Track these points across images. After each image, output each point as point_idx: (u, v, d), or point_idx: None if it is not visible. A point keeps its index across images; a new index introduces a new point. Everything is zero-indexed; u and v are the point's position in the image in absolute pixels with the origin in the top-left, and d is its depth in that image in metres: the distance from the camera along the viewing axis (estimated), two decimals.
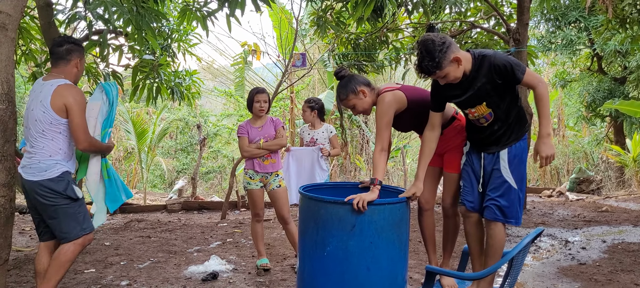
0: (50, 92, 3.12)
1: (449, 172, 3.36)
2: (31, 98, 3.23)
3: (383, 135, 3.11)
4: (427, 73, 2.90)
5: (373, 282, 2.72)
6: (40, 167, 3.12)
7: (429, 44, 2.82)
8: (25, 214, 7.64)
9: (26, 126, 3.22)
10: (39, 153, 3.14)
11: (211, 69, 18.72)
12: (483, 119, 3.04)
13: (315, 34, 8.30)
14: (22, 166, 3.18)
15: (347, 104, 3.28)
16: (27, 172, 3.14)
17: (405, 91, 3.21)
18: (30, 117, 3.17)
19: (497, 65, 2.86)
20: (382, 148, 3.10)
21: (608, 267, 4.67)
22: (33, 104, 3.17)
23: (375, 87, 3.29)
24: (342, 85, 3.26)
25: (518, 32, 7.47)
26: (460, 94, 3.00)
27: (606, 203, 8.83)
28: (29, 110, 3.20)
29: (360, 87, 3.20)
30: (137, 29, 5.21)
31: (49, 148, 3.15)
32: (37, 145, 3.14)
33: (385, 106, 3.11)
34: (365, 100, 3.22)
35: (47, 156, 3.14)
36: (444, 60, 2.82)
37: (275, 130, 4.49)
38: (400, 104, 3.16)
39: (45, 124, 3.13)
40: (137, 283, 4.17)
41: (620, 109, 10.05)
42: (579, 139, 15.87)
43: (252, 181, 4.48)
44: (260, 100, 4.45)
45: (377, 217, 2.70)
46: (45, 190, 3.12)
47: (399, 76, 11.68)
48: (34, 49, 7.15)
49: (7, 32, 3.14)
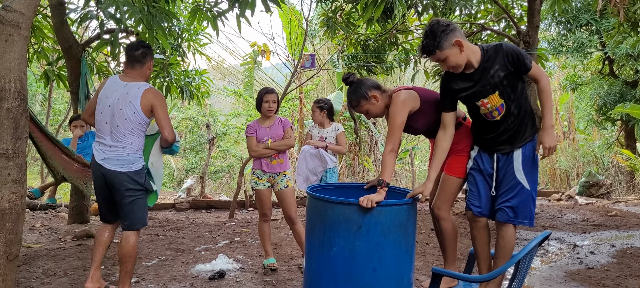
0: (139, 96, 3.51)
1: (450, 175, 3.29)
2: (114, 96, 3.53)
3: (395, 135, 3.08)
4: (428, 52, 2.91)
5: (379, 282, 2.72)
6: (129, 160, 3.53)
7: (434, 25, 2.88)
8: (36, 211, 7.72)
9: (105, 121, 3.54)
10: (127, 147, 3.53)
11: (221, 69, 18.81)
12: (496, 112, 3.02)
13: (324, 35, 8.32)
14: (104, 158, 3.51)
15: (359, 110, 3.26)
16: (113, 164, 3.50)
17: (418, 91, 3.21)
18: (119, 115, 3.49)
19: (510, 51, 2.95)
20: (392, 149, 3.06)
21: (616, 272, 4.63)
22: (120, 103, 3.50)
23: (386, 89, 3.27)
24: (352, 91, 3.24)
25: (528, 35, 7.43)
26: (472, 86, 3.00)
27: (616, 207, 8.76)
28: (114, 107, 3.50)
29: (371, 91, 3.17)
30: (148, 28, 5.25)
31: (136, 144, 3.58)
32: (126, 141, 3.53)
33: (399, 105, 3.09)
34: (378, 104, 3.20)
35: (134, 151, 3.56)
36: (445, 42, 2.85)
37: (284, 130, 4.49)
38: (414, 103, 3.14)
39: (135, 123, 3.52)
40: (145, 281, 4.20)
41: (631, 113, 9.97)
42: (589, 142, 15.75)
43: (259, 181, 4.49)
44: (269, 101, 4.45)
45: (383, 218, 2.70)
46: (130, 180, 3.52)
47: (408, 78, 11.67)
48: (46, 47, 7.24)
49: (21, 31, 3.18)
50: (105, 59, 7.52)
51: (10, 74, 3.04)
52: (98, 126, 3.59)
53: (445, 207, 3.33)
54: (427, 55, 2.95)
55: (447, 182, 3.30)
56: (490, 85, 2.97)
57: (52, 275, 4.30)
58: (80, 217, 6.65)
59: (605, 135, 14.56)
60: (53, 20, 6.21)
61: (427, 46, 2.89)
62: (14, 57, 3.14)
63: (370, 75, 9.36)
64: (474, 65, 2.96)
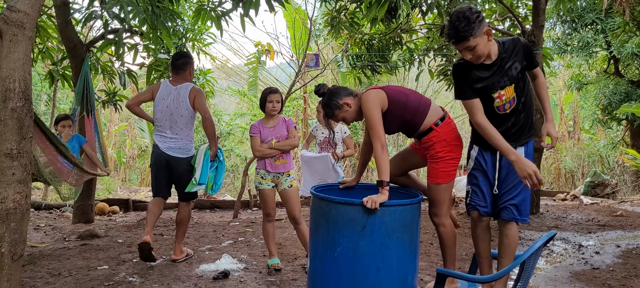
0: (187, 94, 4.56)
1: (440, 183, 3.20)
2: (169, 98, 4.56)
3: (377, 132, 3.05)
4: (461, 38, 2.85)
5: (383, 282, 2.72)
6: (187, 148, 4.65)
7: (466, 11, 2.86)
8: (40, 210, 7.74)
9: (165, 119, 4.56)
10: (185, 138, 4.62)
11: (225, 68, 18.81)
12: (508, 104, 3.04)
13: (329, 34, 8.31)
14: (167, 147, 4.57)
15: (335, 119, 3.32)
16: (175, 152, 4.59)
17: (387, 91, 3.18)
18: (175, 113, 4.54)
19: (526, 45, 3.04)
20: (382, 146, 3.03)
21: (622, 272, 4.61)
22: (175, 103, 4.54)
23: (357, 93, 3.28)
24: (325, 103, 3.29)
25: (533, 34, 7.41)
26: (490, 76, 3.00)
27: (621, 207, 8.72)
28: (172, 107, 4.54)
29: (342, 99, 3.22)
30: (152, 28, 5.26)
31: (190, 135, 4.67)
32: (183, 133, 4.61)
33: (369, 103, 3.10)
34: (352, 110, 3.25)
35: (189, 140, 4.67)
36: (478, 29, 2.84)
37: (288, 130, 4.48)
38: (383, 102, 3.13)
39: (188, 118, 4.60)
40: (149, 281, 4.21)
41: (637, 113, 9.93)
42: (594, 142, 15.68)
43: (263, 181, 4.49)
44: (273, 100, 4.43)
45: (387, 218, 2.70)
46: (187, 164, 4.64)
47: (412, 77, 11.63)
48: (50, 47, 7.25)
49: (25, 31, 3.19)
50: (109, 58, 7.53)
51: (15, 74, 3.04)
52: (159, 122, 4.60)
53: (443, 214, 3.27)
54: (457, 41, 2.88)
55: (437, 191, 3.23)
56: (508, 77, 3.00)
57: (56, 274, 4.31)
58: (85, 216, 6.66)
59: (611, 134, 14.50)
60: (57, 20, 6.22)
61: (461, 31, 2.82)
62: (18, 57, 3.14)
63: (375, 75, 9.35)
64: (491, 56, 2.97)
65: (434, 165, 3.21)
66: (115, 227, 6.58)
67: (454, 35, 2.87)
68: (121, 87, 7.29)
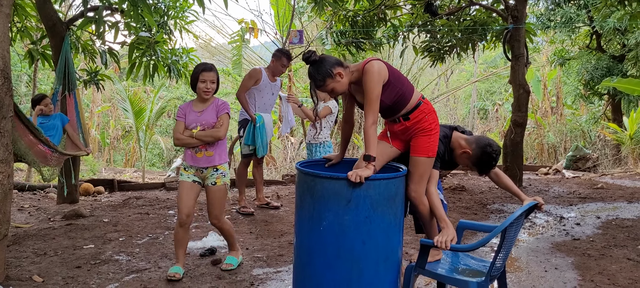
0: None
1: (428, 157, 3.11)
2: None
3: (374, 107, 2.94)
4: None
5: (369, 255, 2.75)
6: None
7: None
8: (24, 191, 7.66)
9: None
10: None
11: (209, 47, 18.64)
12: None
13: (312, 11, 8.25)
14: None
15: (325, 88, 3.07)
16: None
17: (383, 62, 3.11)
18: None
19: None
20: (374, 121, 2.94)
21: (601, 242, 4.72)
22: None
23: (348, 65, 3.11)
24: (315, 70, 3.04)
25: (516, 9, 7.43)
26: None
27: (602, 180, 8.89)
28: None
29: (335, 69, 3.00)
30: (133, 5, 5.18)
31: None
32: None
33: (376, 75, 2.94)
34: (343, 81, 3.03)
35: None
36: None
37: (217, 116, 3.78)
38: (384, 75, 3.00)
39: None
40: (136, 259, 4.21)
41: (618, 87, 10.05)
42: (576, 117, 15.89)
43: (185, 172, 3.83)
44: (207, 80, 3.73)
45: (372, 192, 2.72)
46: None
47: (397, 54, 11.64)
48: (29, 26, 7.12)
49: (2, 8, 3.13)
50: (90, 37, 7.42)
51: None
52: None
53: (423, 192, 3.17)
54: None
55: (426, 164, 3.14)
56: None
57: (42, 254, 4.30)
58: (70, 197, 6.62)
59: (593, 109, 14.70)
60: None
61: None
62: None
63: (360, 52, 9.33)
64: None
65: (425, 138, 3.11)
66: (100, 207, 6.54)
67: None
68: (103, 67, 7.19)
